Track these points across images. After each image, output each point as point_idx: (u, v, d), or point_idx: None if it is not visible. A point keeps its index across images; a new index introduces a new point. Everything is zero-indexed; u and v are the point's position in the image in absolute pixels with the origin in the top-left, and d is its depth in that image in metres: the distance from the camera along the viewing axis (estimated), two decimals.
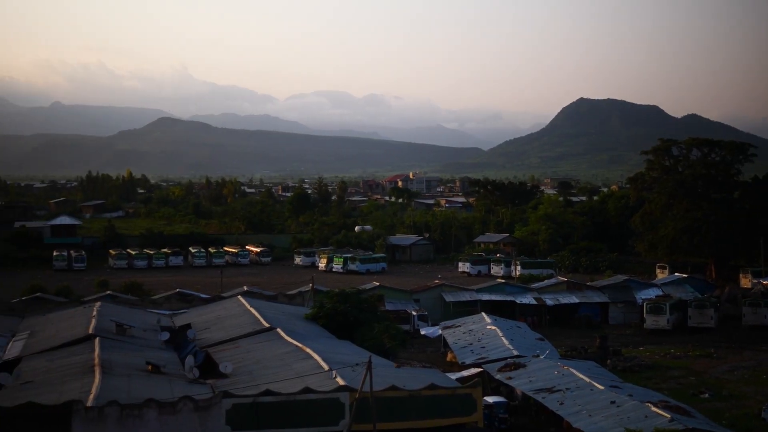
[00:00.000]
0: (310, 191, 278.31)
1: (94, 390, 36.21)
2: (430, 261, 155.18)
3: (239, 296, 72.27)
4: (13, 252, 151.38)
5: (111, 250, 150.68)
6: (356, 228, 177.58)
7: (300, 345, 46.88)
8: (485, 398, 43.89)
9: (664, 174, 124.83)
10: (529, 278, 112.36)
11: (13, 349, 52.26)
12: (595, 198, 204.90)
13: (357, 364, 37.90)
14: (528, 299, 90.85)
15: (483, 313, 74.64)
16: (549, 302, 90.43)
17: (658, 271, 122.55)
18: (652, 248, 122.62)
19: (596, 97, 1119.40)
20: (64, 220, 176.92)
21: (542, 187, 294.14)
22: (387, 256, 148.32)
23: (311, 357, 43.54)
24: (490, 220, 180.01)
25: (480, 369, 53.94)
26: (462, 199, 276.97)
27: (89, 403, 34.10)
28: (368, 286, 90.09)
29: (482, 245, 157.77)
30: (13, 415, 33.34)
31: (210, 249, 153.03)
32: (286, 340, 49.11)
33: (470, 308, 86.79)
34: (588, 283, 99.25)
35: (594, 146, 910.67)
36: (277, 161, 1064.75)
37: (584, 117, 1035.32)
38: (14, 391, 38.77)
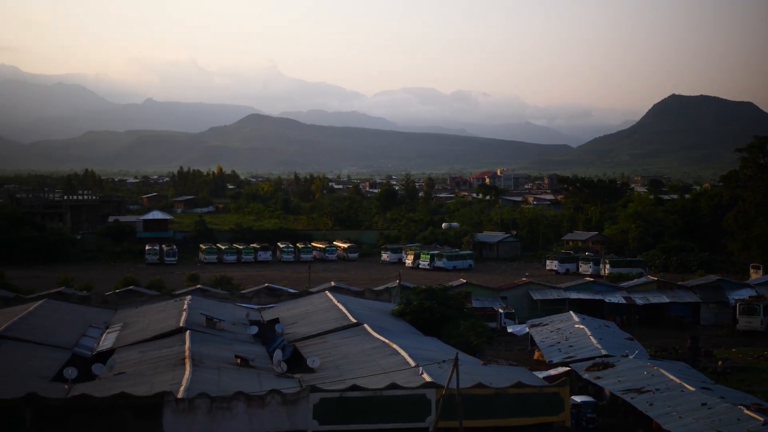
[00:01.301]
0: (397, 188, 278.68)
1: (184, 382, 36.80)
2: (518, 258, 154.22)
3: (327, 291, 72.57)
4: (108, 246, 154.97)
5: (201, 245, 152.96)
6: (443, 225, 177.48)
7: (386, 341, 46.94)
8: (573, 397, 43.46)
9: (759, 172, 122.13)
10: (618, 277, 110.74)
11: (107, 340, 53.42)
12: (687, 196, 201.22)
13: (444, 361, 37.84)
14: (617, 298, 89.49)
15: (571, 312, 73.89)
16: (638, 301, 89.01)
17: (751, 271, 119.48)
18: (746, 248, 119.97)
19: (688, 94, 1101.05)
20: (156, 214, 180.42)
21: (632, 185, 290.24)
22: (474, 253, 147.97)
23: (398, 353, 43.55)
24: (578, 217, 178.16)
25: (567, 368, 53.42)
26: (550, 197, 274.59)
27: (180, 395, 34.65)
28: (455, 282, 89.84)
29: (570, 243, 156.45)
30: (107, 405, 34.10)
31: (298, 244, 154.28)
32: (373, 336, 49.21)
33: (558, 306, 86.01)
34: (679, 283, 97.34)
35: (686, 144, 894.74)
36: (365, 158, 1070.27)
37: (676, 114, 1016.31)
38: (108, 382, 39.64)
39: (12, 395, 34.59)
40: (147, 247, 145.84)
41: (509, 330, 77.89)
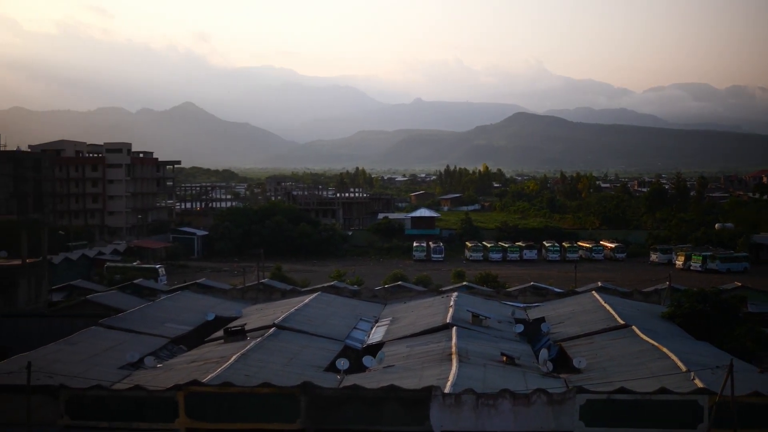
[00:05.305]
0: (667, 186, 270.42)
1: (451, 377, 37.32)
2: None
3: (593, 291, 71.51)
4: (377, 242, 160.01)
5: (467, 242, 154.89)
6: (716, 225, 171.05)
7: (656, 344, 45.70)
8: None
9: None
10: None
11: (376, 334, 55.06)
12: None
13: (717, 367, 36.42)
14: None
15: None
16: None
17: None
18: None
19: None
20: (424, 212, 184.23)
21: None
22: (749, 255, 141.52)
23: (668, 357, 42.30)
24: None
25: None
26: None
27: (447, 390, 35.17)
28: (729, 286, 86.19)
29: None
30: (376, 396, 35.16)
31: (564, 244, 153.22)
32: (641, 338, 48.04)
33: None
34: None
35: None
36: (633, 156, 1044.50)
37: None
38: (377, 374, 40.87)
39: (289, 383, 36.41)
40: (414, 244, 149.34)
41: None
